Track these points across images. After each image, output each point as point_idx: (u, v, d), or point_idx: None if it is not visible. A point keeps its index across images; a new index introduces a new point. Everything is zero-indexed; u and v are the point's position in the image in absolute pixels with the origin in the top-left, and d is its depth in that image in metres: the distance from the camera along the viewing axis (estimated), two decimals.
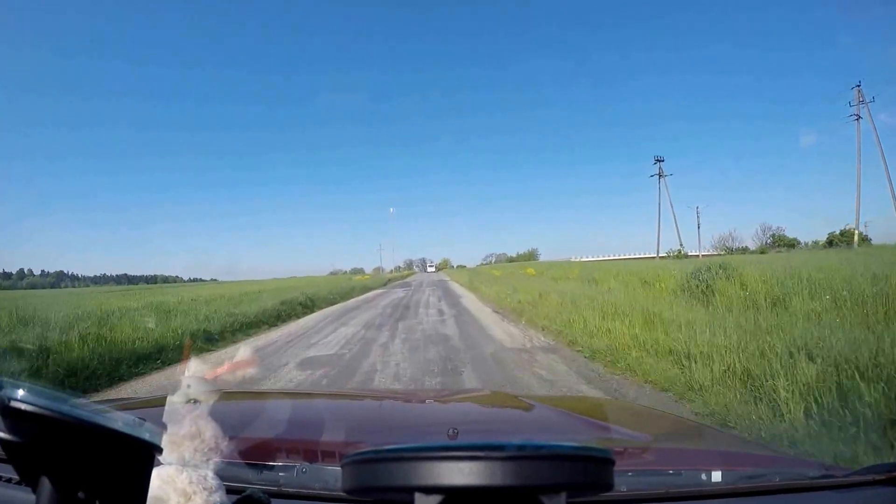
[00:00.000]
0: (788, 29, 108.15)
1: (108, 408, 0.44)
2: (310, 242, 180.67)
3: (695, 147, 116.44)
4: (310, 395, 2.37)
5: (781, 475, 0.87)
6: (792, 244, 45.28)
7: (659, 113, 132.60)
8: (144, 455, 0.45)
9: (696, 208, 45.70)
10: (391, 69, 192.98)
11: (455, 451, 0.39)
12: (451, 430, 0.99)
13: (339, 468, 0.46)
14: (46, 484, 0.41)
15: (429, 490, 0.39)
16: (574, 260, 45.33)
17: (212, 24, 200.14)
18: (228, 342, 7.89)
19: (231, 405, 1.23)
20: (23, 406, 0.37)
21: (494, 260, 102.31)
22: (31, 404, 0.38)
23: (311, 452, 0.91)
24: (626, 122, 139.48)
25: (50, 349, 5.44)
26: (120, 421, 0.42)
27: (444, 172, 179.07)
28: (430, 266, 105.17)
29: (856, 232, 31.21)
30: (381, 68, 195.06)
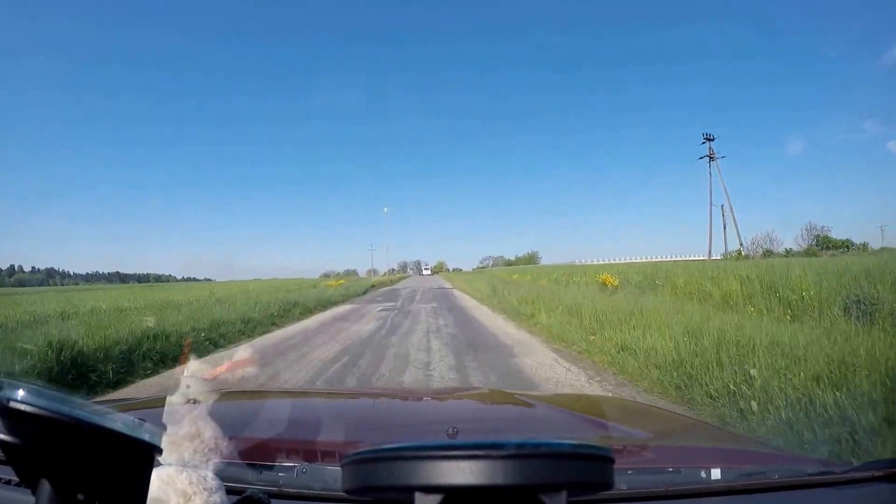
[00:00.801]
0: (789, 28, 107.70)
1: (107, 408, 0.44)
2: (305, 243, 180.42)
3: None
4: (309, 395, 2.36)
5: (780, 472, 0.87)
6: (846, 246, 37.77)
7: (663, 107, 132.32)
8: (144, 456, 0.45)
9: (721, 207, 39.49)
10: (389, 69, 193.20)
11: (455, 450, 0.39)
12: (450, 429, 0.99)
13: (339, 468, 0.46)
14: (46, 485, 0.41)
15: (429, 489, 0.39)
16: (588, 263, 38.68)
17: (207, 25, 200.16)
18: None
19: (231, 405, 1.22)
20: (22, 407, 0.37)
21: (492, 263, 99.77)
22: (31, 405, 0.37)
23: (310, 452, 0.90)
24: (627, 123, 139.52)
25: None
26: (119, 422, 0.42)
27: (440, 174, 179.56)
28: (425, 269, 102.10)
29: None
30: (379, 68, 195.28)
